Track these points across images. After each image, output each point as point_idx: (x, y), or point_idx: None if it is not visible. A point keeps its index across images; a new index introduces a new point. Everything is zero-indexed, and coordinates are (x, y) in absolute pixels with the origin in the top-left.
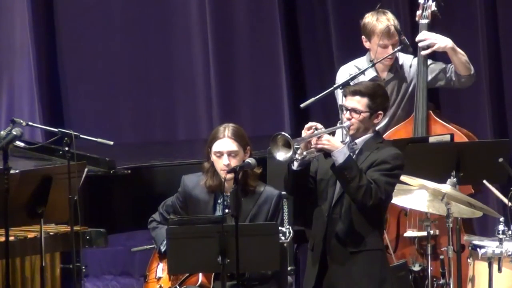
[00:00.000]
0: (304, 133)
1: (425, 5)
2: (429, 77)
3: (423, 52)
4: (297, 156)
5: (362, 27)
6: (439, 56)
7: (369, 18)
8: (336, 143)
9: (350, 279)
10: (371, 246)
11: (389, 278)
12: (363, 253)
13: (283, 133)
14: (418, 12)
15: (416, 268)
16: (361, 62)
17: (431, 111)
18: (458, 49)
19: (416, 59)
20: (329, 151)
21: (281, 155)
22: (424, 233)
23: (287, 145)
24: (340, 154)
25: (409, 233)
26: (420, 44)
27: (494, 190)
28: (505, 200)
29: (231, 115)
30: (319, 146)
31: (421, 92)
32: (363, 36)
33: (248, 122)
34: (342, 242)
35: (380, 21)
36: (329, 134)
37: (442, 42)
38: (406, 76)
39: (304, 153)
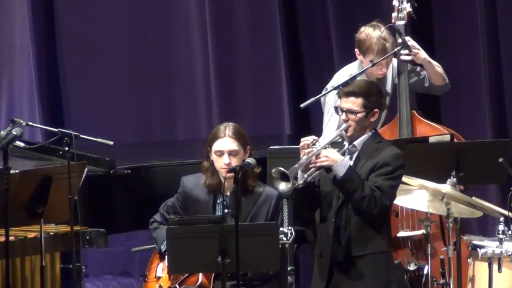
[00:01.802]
0: (301, 151)
1: (400, 7)
2: (411, 80)
3: (403, 57)
4: (299, 181)
5: (357, 42)
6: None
7: (365, 35)
8: (335, 156)
9: (355, 282)
10: (376, 249)
11: (395, 280)
12: (368, 257)
13: (279, 168)
14: (394, 14)
15: (412, 267)
16: (353, 67)
17: (414, 111)
18: (433, 62)
19: (395, 60)
20: (329, 166)
21: (283, 186)
22: (417, 233)
23: (286, 176)
24: (340, 167)
25: (402, 233)
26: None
27: (489, 205)
28: (503, 211)
29: (231, 115)
30: (318, 164)
31: (404, 93)
32: (356, 49)
33: (248, 122)
34: (347, 246)
35: (376, 39)
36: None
37: (423, 53)
38: (389, 79)
39: (305, 175)
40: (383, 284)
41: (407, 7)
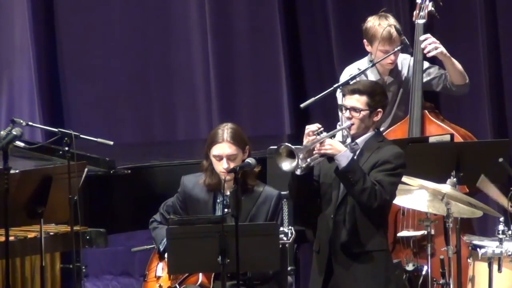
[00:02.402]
0: (305, 138)
1: (422, 5)
2: (426, 79)
3: (428, 54)
4: (301, 163)
5: (364, 31)
6: (432, 61)
7: (371, 23)
8: (339, 146)
9: (355, 280)
10: (376, 246)
11: (393, 278)
12: (368, 254)
13: (286, 143)
14: (415, 12)
15: (410, 268)
16: (363, 63)
17: (426, 111)
18: (453, 59)
19: (412, 59)
20: (332, 155)
21: (286, 165)
22: (418, 233)
23: (291, 155)
24: (343, 157)
25: (404, 233)
26: (424, 44)
27: (492, 191)
28: (504, 201)
29: (231, 115)
30: (322, 151)
31: (416, 92)
32: (364, 40)
33: (248, 122)
34: (347, 244)
35: (382, 26)
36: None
37: (443, 49)
38: (405, 77)
39: (308, 160)
40: (382, 283)
41: (429, 5)
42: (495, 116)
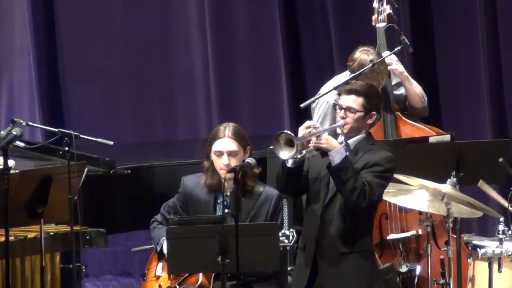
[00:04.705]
0: (302, 131)
1: (379, 9)
2: (395, 92)
3: (389, 67)
4: (297, 155)
5: (351, 71)
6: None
7: (358, 65)
8: (334, 142)
9: (339, 280)
10: (361, 247)
11: (378, 280)
12: (353, 255)
13: (286, 131)
14: (374, 17)
15: (403, 269)
16: (343, 77)
17: (398, 113)
18: (413, 80)
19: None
20: (327, 150)
21: (285, 154)
22: (407, 234)
23: (290, 143)
24: (337, 154)
25: (392, 236)
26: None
27: (492, 193)
28: (504, 203)
29: (231, 115)
30: (317, 145)
31: (387, 95)
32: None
33: (248, 122)
34: (333, 243)
35: (370, 72)
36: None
37: (400, 67)
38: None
39: (304, 151)
40: (366, 283)
41: (387, 8)
42: (495, 116)
